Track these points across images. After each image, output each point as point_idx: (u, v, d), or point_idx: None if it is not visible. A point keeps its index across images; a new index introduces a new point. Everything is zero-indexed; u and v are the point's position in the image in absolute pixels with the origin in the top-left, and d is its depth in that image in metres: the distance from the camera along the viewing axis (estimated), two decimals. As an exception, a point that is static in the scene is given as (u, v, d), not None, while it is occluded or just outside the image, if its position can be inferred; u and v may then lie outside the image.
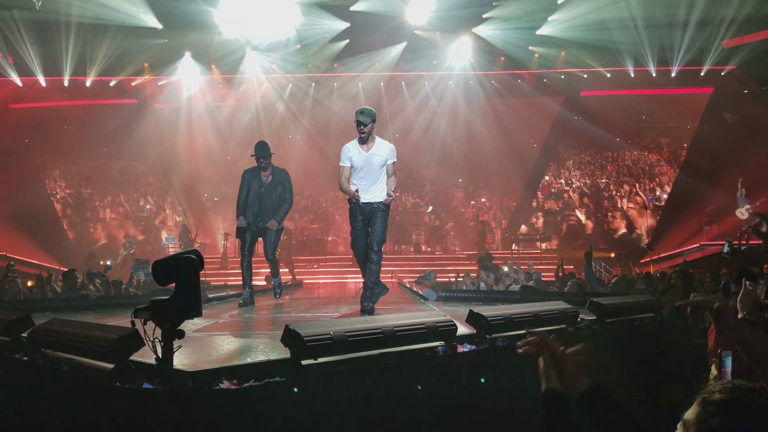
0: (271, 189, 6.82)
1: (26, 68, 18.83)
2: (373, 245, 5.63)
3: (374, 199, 5.69)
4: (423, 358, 3.39)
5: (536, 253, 18.45)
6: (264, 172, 6.81)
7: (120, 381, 2.73)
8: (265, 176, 6.81)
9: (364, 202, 5.66)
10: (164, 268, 2.40)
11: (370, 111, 5.63)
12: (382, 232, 5.63)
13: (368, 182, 5.67)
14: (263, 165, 6.75)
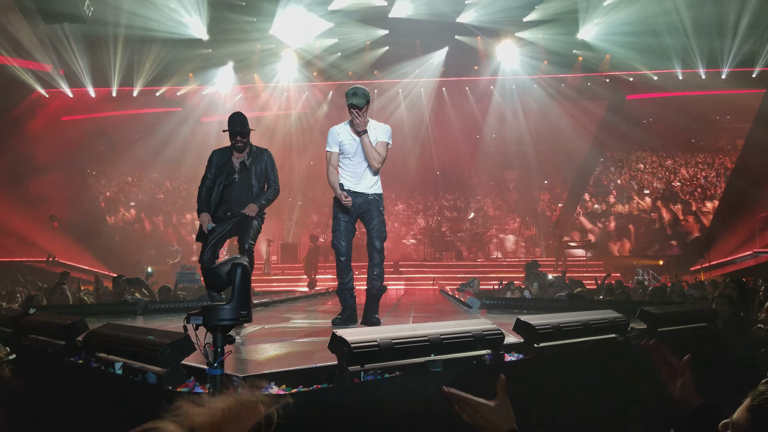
0: (246, 174, 5.45)
1: (76, 80, 19.55)
2: (375, 243, 4.97)
3: (367, 189, 5.01)
4: (470, 366, 3.35)
5: (581, 260, 18.10)
6: (239, 153, 5.47)
7: (172, 385, 2.79)
8: (240, 158, 5.47)
9: (355, 191, 4.97)
10: (219, 275, 2.43)
11: (363, 91, 4.87)
12: (382, 227, 5.00)
13: (361, 169, 4.98)
14: (240, 145, 5.41)
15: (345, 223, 4.98)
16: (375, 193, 5.03)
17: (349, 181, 4.99)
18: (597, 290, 10.45)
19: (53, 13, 12.83)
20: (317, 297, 10.86)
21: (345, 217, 4.98)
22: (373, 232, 4.97)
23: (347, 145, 4.95)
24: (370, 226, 4.99)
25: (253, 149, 5.51)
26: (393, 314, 6.48)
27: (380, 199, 5.05)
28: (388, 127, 5.03)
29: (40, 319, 4.16)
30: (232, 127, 5.37)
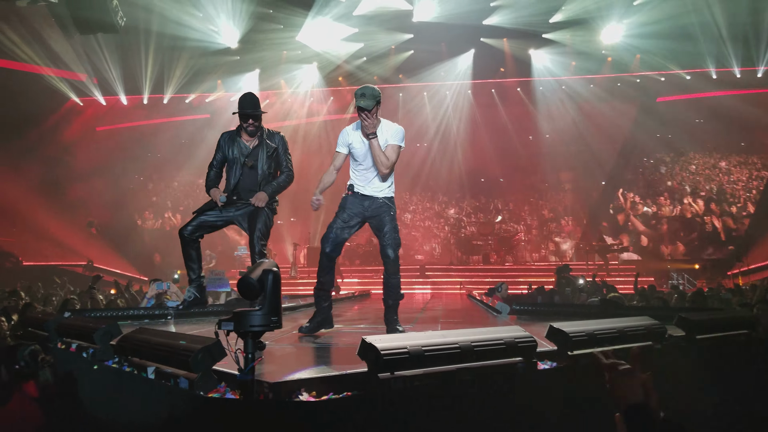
0: (257, 158, 5.09)
1: (109, 88, 19.99)
2: (389, 252, 4.64)
3: (377, 192, 4.74)
4: (501, 374, 3.30)
5: (613, 264, 17.81)
6: (249, 137, 5.12)
7: (203, 390, 2.80)
8: (250, 141, 5.12)
9: (364, 194, 4.74)
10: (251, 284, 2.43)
11: (372, 91, 4.53)
12: (394, 233, 4.68)
13: (371, 172, 4.72)
14: (251, 129, 5.05)
15: (341, 223, 4.72)
16: (386, 196, 4.75)
17: (360, 184, 4.78)
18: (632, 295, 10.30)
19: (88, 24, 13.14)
20: (343, 301, 10.86)
21: (344, 217, 4.73)
22: (386, 239, 4.65)
23: (357, 148, 4.72)
24: (382, 232, 4.67)
25: (264, 133, 5.16)
26: (420, 320, 6.43)
27: (391, 203, 4.77)
28: (400, 128, 4.74)
29: (76, 323, 4.22)
30: (243, 109, 4.98)
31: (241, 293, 2.50)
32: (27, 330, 5.07)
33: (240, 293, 2.52)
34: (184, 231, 4.96)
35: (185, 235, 4.96)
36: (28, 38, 16.47)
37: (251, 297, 2.49)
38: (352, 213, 4.72)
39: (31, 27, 15.91)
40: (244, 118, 5.01)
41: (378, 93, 4.58)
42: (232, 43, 18.19)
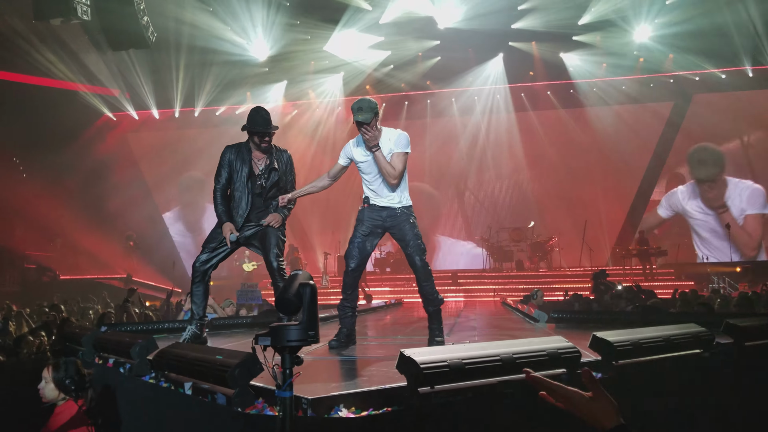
0: (266, 178, 4.84)
1: (141, 102, 20.38)
2: (416, 260, 4.53)
3: (392, 203, 4.60)
4: (545, 386, 3.19)
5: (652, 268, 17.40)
6: (261, 154, 4.85)
7: (241, 406, 2.75)
8: (262, 159, 4.85)
9: (380, 206, 4.61)
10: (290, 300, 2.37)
11: (369, 104, 4.41)
12: (418, 240, 4.56)
13: (380, 185, 4.59)
14: (265, 145, 4.79)
15: (362, 237, 4.62)
16: (402, 206, 4.61)
17: (372, 196, 4.66)
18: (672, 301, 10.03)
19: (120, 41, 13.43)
20: (376, 311, 10.79)
21: (363, 230, 4.61)
22: (410, 248, 4.54)
23: (361, 162, 4.61)
24: (405, 242, 4.57)
25: (274, 150, 4.91)
26: (456, 329, 6.32)
27: (409, 211, 4.63)
28: (403, 134, 4.57)
29: (112, 337, 4.24)
30: (254, 126, 4.71)
31: (281, 311, 2.44)
32: (65, 345, 5.12)
33: (279, 311, 2.47)
34: (197, 263, 4.74)
35: (199, 267, 4.72)
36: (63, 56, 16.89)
37: (291, 313, 2.43)
38: (371, 225, 4.62)
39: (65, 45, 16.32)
40: (259, 136, 4.75)
41: (375, 104, 4.46)
42: (261, 55, 18.41)
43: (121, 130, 22.23)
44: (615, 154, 20.70)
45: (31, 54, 16.15)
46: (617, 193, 21.14)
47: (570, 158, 20.98)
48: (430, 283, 4.58)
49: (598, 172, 20.99)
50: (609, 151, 20.70)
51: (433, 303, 4.61)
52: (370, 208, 4.64)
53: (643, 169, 21.13)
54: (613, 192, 21.11)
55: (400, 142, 4.52)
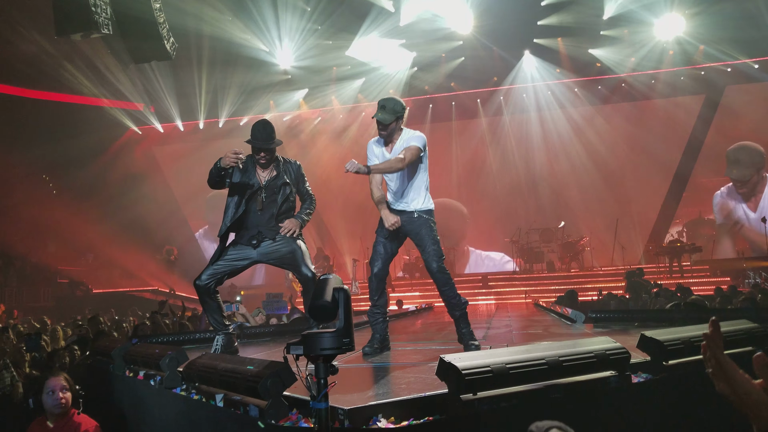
0: (274, 191, 4.69)
1: (166, 115, 20.59)
2: (432, 265, 4.40)
3: (410, 206, 4.48)
4: (593, 390, 3.02)
5: (686, 266, 16.95)
6: (263, 170, 4.73)
7: (275, 418, 2.64)
8: (265, 174, 4.73)
9: (398, 209, 4.49)
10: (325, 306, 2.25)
11: (394, 105, 4.36)
12: (436, 246, 4.43)
13: (400, 185, 4.49)
14: (263, 161, 4.65)
15: (384, 241, 4.52)
16: (421, 210, 4.47)
17: (391, 199, 4.55)
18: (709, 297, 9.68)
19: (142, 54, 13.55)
20: (406, 316, 10.65)
21: (384, 234, 4.50)
22: (427, 253, 4.41)
23: (379, 161, 4.51)
24: (422, 247, 4.45)
25: (280, 163, 4.77)
26: (491, 332, 6.14)
27: (429, 216, 4.51)
28: (421, 134, 4.49)
29: (142, 350, 4.17)
30: (255, 140, 4.59)
31: (316, 318, 2.31)
32: (96, 358, 5.08)
33: (314, 318, 2.34)
34: (198, 281, 4.55)
35: (201, 285, 4.52)
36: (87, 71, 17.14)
37: (326, 320, 2.30)
38: (392, 232, 4.49)
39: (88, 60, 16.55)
40: (255, 150, 4.62)
41: (400, 107, 4.40)
42: (282, 61, 18.49)
43: (147, 144, 22.49)
44: (646, 150, 20.28)
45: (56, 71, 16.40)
46: (649, 190, 20.68)
47: (600, 156, 20.61)
48: (450, 287, 4.44)
49: (629, 169, 20.58)
50: (640, 148, 20.29)
51: (457, 307, 4.46)
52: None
53: (675, 165, 20.65)
54: (645, 189, 20.65)
55: (417, 138, 4.42)
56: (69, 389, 3.54)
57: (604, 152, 20.60)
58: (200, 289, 4.53)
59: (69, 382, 3.57)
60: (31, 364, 5.63)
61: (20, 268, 17.94)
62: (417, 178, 4.48)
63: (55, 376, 3.58)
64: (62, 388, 3.52)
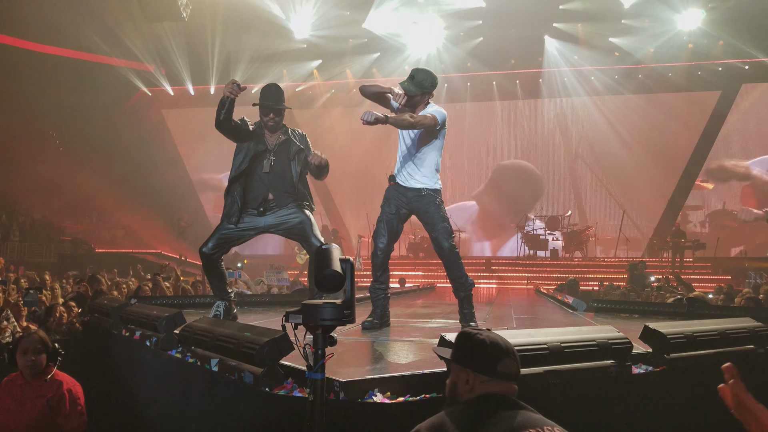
0: (284, 157, 4.54)
1: (177, 77, 20.41)
2: (442, 243, 4.29)
3: (419, 183, 4.35)
4: (593, 378, 2.98)
5: (688, 262, 16.88)
6: (271, 134, 4.58)
7: (269, 386, 2.61)
8: (274, 138, 4.58)
9: (406, 186, 4.38)
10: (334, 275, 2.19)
11: (423, 79, 4.32)
12: (444, 223, 4.31)
13: (408, 162, 4.40)
14: (272, 124, 4.50)
15: (389, 215, 4.41)
16: (429, 188, 4.36)
17: (399, 172, 4.45)
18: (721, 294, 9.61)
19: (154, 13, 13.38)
20: (408, 294, 10.65)
21: (391, 209, 4.41)
22: (436, 231, 4.31)
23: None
24: (430, 225, 4.34)
25: (288, 129, 4.66)
26: (492, 316, 6.11)
27: (436, 194, 4.39)
28: (441, 110, 4.34)
29: (140, 310, 4.15)
30: (265, 100, 4.48)
31: (323, 288, 2.25)
32: (93, 316, 5.07)
33: (321, 289, 2.28)
34: (204, 249, 4.42)
35: (207, 254, 4.41)
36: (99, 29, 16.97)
37: (334, 290, 2.25)
38: (397, 204, 4.42)
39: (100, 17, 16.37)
40: (264, 111, 4.50)
41: (429, 84, 4.33)
42: (299, 30, 18.30)
43: (157, 106, 22.35)
44: (658, 144, 20.10)
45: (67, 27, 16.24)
46: (657, 183, 20.52)
47: (611, 146, 20.44)
48: (458, 267, 4.37)
49: (638, 161, 20.39)
50: (652, 141, 20.10)
51: (463, 287, 4.40)
52: (396, 187, 4.44)
53: (685, 160, 20.47)
54: (654, 182, 20.50)
55: (437, 110, 4.29)
56: (43, 350, 3.42)
57: (615, 143, 20.43)
58: (205, 257, 4.45)
59: (44, 342, 3.45)
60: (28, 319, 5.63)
61: (23, 224, 17.96)
62: (428, 157, 4.36)
63: (28, 337, 3.48)
64: (35, 350, 3.39)
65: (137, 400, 3.91)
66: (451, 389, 1.96)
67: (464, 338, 2.00)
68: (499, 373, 1.88)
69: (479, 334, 1.97)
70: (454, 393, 1.94)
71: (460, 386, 1.91)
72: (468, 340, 1.97)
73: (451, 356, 2.00)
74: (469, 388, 1.88)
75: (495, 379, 1.87)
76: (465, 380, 1.89)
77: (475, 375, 1.88)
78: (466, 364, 1.92)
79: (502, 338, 2.00)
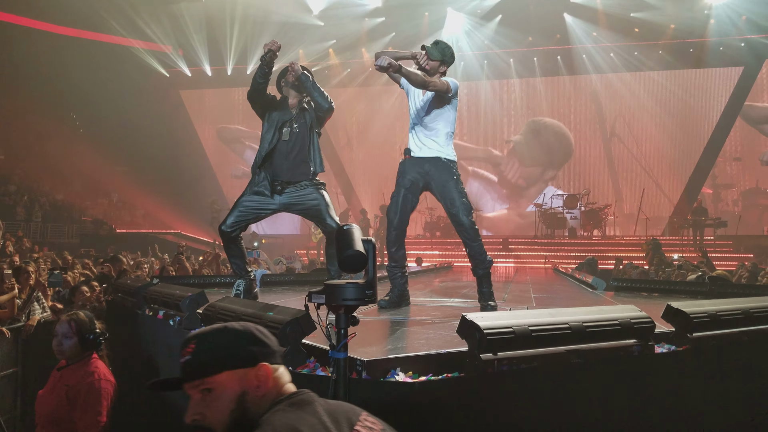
0: (303, 129, 4.56)
1: (194, 59, 20.46)
2: (462, 219, 4.18)
3: (436, 152, 4.25)
4: (615, 357, 2.97)
5: (709, 240, 16.70)
6: (292, 100, 4.63)
7: (292, 365, 2.64)
8: (294, 104, 4.63)
9: (423, 157, 4.28)
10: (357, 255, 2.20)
11: (444, 48, 4.29)
12: (463, 198, 4.20)
13: (421, 130, 4.30)
14: (293, 80, 4.60)
15: (404, 190, 4.31)
16: (446, 157, 4.24)
17: (416, 145, 4.31)
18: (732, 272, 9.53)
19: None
20: (426, 273, 10.66)
21: (405, 183, 4.31)
22: (456, 206, 4.18)
23: (411, 98, 4.37)
24: (449, 199, 4.20)
25: (305, 99, 4.66)
26: (511, 295, 6.11)
27: (453, 165, 4.27)
28: (455, 80, 4.26)
29: (163, 290, 4.19)
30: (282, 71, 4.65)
31: (346, 268, 2.26)
32: (117, 296, 5.15)
33: (345, 269, 2.29)
34: (224, 227, 4.44)
35: (227, 232, 4.43)
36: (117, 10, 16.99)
37: (357, 270, 2.26)
38: (412, 178, 4.30)
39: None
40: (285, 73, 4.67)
41: (449, 56, 4.28)
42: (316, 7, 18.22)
43: (175, 87, 22.43)
44: (678, 121, 19.83)
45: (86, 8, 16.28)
46: (678, 162, 20.28)
47: (630, 125, 20.19)
48: (478, 244, 4.28)
49: (659, 139, 20.13)
50: (672, 118, 19.82)
51: (482, 265, 4.32)
52: (410, 160, 4.33)
53: (706, 138, 20.15)
54: (675, 160, 20.25)
55: (450, 80, 4.21)
56: (75, 335, 3.25)
57: (635, 120, 20.17)
58: (225, 235, 4.47)
59: (79, 326, 3.27)
60: (53, 299, 5.74)
61: (44, 204, 18.22)
62: (441, 127, 4.27)
63: (61, 321, 3.35)
64: (64, 334, 3.25)
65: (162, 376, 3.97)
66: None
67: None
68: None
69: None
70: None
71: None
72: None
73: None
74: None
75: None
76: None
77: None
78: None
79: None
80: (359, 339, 3.04)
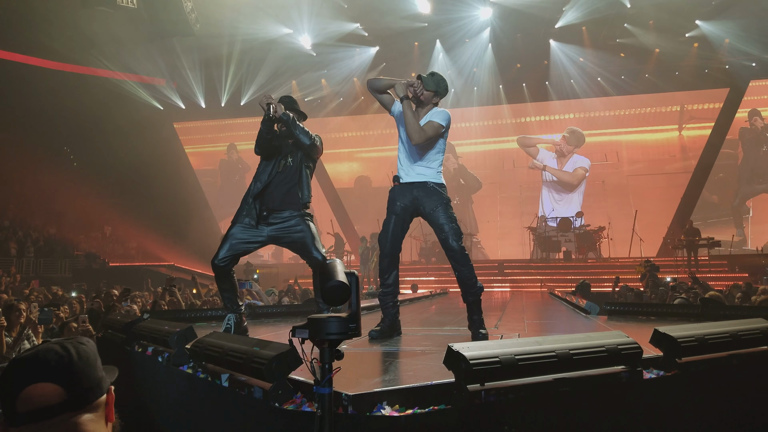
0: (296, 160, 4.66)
1: (187, 91, 20.64)
2: (451, 243, 4.18)
3: (424, 177, 4.28)
4: (603, 385, 2.96)
5: (703, 260, 16.72)
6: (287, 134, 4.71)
7: (278, 401, 2.62)
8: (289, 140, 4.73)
9: (411, 182, 4.29)
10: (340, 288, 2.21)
11: (440, 80, 4.33)
12: (452, 223, 4.21)
13: (409, 160, 4.33)
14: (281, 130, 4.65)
15: (395, 217, 4.32)
16: (434, 181, 4.28)
17: (401, 170, 4.35)
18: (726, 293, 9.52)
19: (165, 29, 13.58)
20: (420, 300, 10.62)
21: (396, 210, 4.32)
22: (445, 231, 4.19)
23: (397, 114, 4.36)
24: (438, 224, 4.22)
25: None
26: (504, 321, 6.08)
27: (443, 190, 4.30)
28: (445, 111, 4.30)
29: (152, 326, 4.17)
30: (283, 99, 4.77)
31: (330, 302, 2.26)
32: (107, 332, 5.11)
33: (328, 302, 2.29)
34: (216, 261, 4.43)
35: (220, 266, 4.42)
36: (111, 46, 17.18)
37: (340, 303, 2.26)
38: (403, 204, 4.31)
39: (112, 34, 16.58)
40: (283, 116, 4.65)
41: (443, 89, 4.35)
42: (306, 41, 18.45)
43: (168, 120, 22.56)
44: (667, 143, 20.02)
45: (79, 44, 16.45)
46: (670, 183, 20.40)
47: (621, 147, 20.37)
48: (468, 269, 4.26)
49: (649, 161, 20.29)
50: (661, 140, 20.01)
51: (471, 290, 4.30)
52: (400, 187, 4.34)
53: (696, 158, 20.33)
54: (666, 181, 20.38)
55: (440, 114, 4.26)
56: None
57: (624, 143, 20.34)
58: (217, 269, 4.46)
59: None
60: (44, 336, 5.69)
61: (37, 240, 18.16)
62: (430, 154, 4.31)
63: None
64: None
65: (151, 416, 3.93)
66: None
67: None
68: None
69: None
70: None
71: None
72: None
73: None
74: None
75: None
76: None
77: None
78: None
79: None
80: (347, 372, 3.02)
